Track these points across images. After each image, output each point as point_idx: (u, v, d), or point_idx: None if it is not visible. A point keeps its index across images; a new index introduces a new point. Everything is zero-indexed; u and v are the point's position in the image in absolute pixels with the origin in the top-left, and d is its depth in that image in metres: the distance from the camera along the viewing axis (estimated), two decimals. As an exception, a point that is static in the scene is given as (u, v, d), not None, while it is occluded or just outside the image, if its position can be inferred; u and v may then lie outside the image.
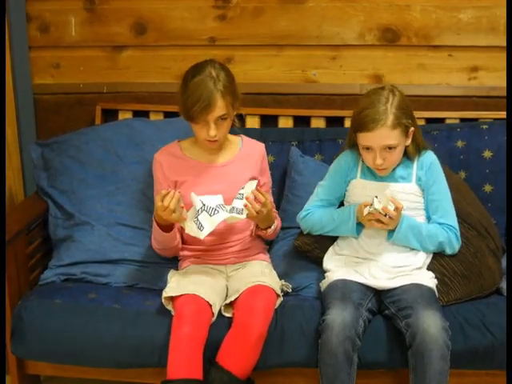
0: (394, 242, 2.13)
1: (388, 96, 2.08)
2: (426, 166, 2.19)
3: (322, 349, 1.97)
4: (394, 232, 2.11)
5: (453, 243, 2.18)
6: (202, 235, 2.07)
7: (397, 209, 2.05)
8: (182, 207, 2.08)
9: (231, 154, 2.33)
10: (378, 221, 2.07)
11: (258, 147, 2.40)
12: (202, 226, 2.06)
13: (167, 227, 2.18)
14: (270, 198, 2.40)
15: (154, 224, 2.18)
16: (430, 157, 2.22)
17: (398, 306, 2.04)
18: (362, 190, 2.20)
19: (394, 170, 2.18)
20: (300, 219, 2.30)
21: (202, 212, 2.06)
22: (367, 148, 2.10)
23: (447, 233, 2.16)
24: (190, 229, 2.08)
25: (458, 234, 2.19)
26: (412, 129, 2.12)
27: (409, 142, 2.14)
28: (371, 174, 2.21)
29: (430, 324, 1.92)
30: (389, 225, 2.08)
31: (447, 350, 1.92)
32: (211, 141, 2.21)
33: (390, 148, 2.07)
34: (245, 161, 2.32)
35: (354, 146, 2.21)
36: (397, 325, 2.02)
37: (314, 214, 2.26)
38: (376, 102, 2.07)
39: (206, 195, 2.09)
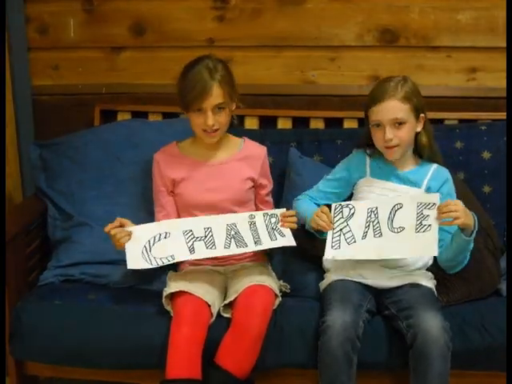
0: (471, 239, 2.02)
1: (400, 79, 2.14)
2: (441, 179, 2.19)
3: (321, 350, 1.97)
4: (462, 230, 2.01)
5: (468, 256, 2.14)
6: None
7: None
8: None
9: (230, 154, 2.32)
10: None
11: (259, 150, 2.38)
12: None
13: None
14: (271, 200, 2.41)
15: None
16: (446, 172, 2.22)
17: (399, 306, 2.04)
18: (368, 188, 2.21)
19: (404, 171, 2.19)
20: (294, 201, 2.33)
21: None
22: (377, 125, 2.12)
23: None
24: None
25: None
26: (423, 115, 2.15)
27: (420, 128, 2.16)
28: (380, 172, 2.21)
29: (432, 325, 1.92)
30: (461, 216, 1.95)
31: (448, 351, 1.92)
32: (209, 132, 2.20)
33: (399, 124, 2.09)
34: (243, 161, 2.32)
35: (364, 145, 2.24)
36: (397, 326, 2.02)
37: (302, 201, 2.30)
38: (388, 81, 2.14)
39: None
